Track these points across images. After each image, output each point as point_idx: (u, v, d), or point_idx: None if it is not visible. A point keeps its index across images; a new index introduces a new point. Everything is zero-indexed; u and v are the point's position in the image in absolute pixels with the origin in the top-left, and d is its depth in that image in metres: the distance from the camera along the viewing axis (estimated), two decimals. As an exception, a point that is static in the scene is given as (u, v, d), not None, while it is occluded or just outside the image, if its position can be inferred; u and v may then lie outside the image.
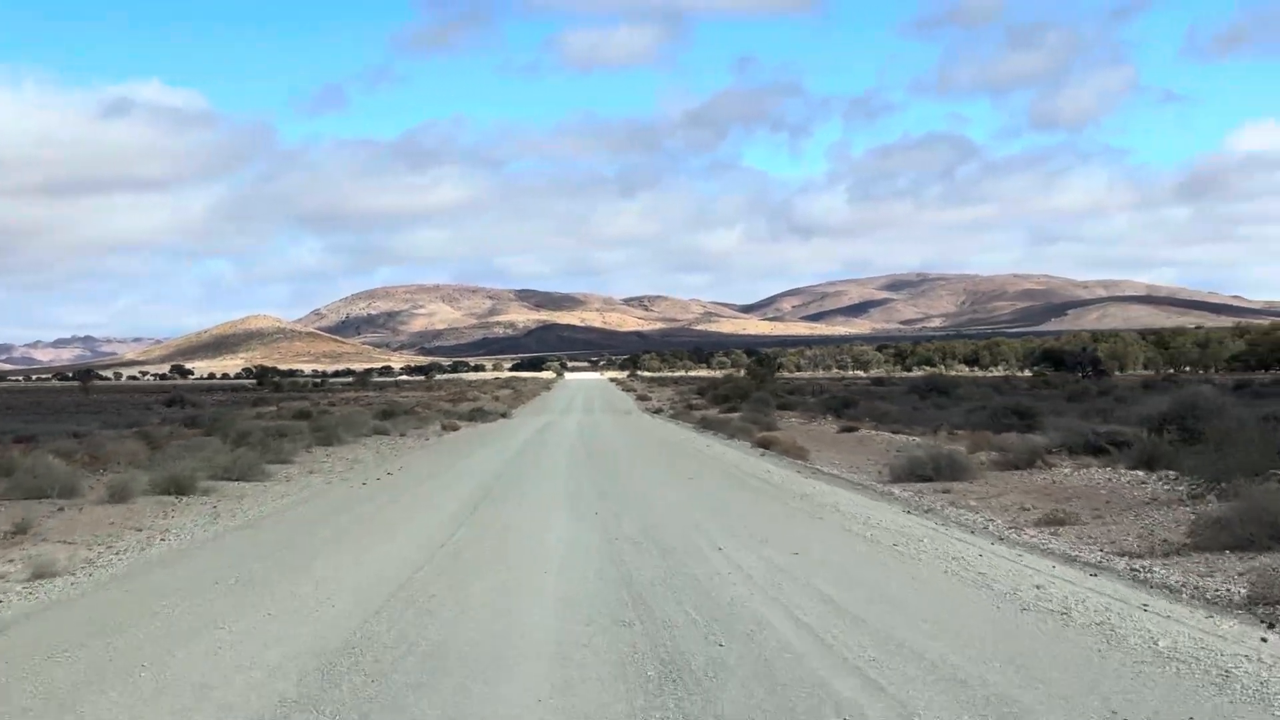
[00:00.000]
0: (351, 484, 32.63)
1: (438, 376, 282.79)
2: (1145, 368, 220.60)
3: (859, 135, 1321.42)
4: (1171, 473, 28.02)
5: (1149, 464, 29.85)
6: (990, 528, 21.07)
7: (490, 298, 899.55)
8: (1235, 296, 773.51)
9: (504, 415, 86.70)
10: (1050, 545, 18.86)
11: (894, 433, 50.34)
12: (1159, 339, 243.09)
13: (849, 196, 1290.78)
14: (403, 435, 60.48)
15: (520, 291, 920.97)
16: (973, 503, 25.14)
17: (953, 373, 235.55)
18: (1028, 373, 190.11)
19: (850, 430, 53.88)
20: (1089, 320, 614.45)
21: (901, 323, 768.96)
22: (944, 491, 27.44)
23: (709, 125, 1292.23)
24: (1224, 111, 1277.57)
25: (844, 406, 69.54)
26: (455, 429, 66.81)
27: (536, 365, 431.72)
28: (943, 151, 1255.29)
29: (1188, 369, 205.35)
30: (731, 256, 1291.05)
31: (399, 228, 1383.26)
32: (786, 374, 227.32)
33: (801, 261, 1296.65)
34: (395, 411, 78.91)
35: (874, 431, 52.22)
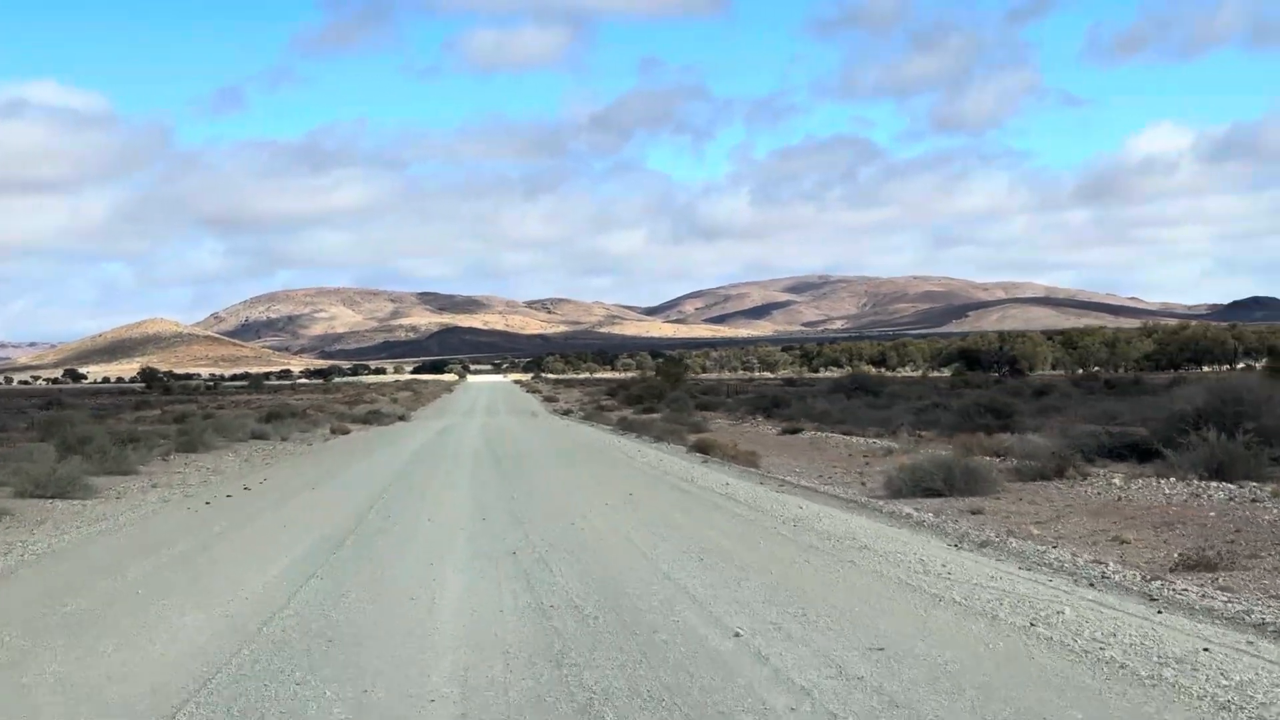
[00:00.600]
0: (194, 504, 25.10)
1: (337, 380, 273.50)
2: (1054, 367, 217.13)
3: (762, 137, 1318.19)
4: (1256, 484, 21.31)
5: (1219, 473, 23.10)
6: (1117, 577, 14.00)
7: (393, 301, 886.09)
8: (1133, 298, 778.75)
9: (401, 418, 79.05)
10: (1253, 613, 11.77)
11: (845, 434, 43.56)
12: (1066, 339, 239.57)
13: (752, 199, 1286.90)
14: (284, 440, 52.79)
15: (423, 295, 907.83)
16: (1032, 530, 18.17)
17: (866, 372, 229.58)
18: (945, 372, 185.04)
19: (793, 432, 46.98)
20: (990, 321, 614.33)
21: (804, 324, 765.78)
22: (972, 512, 20.47)
23: (613, 128, 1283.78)
24: (1123, 114, 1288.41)
25: (774, 406, 62.70)
26: (345, 433, 59.18)
27: (439, 368, 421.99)
28: (846, 154, 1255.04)
29: (1097, 369, 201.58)
30: (635, 259, 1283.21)
31: (300, 230, 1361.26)
32: (694, 375, 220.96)
33: (705, 264, 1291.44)
34: (282, 414, 71.17)
35: (820, 434, 45.38)
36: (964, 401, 44.97)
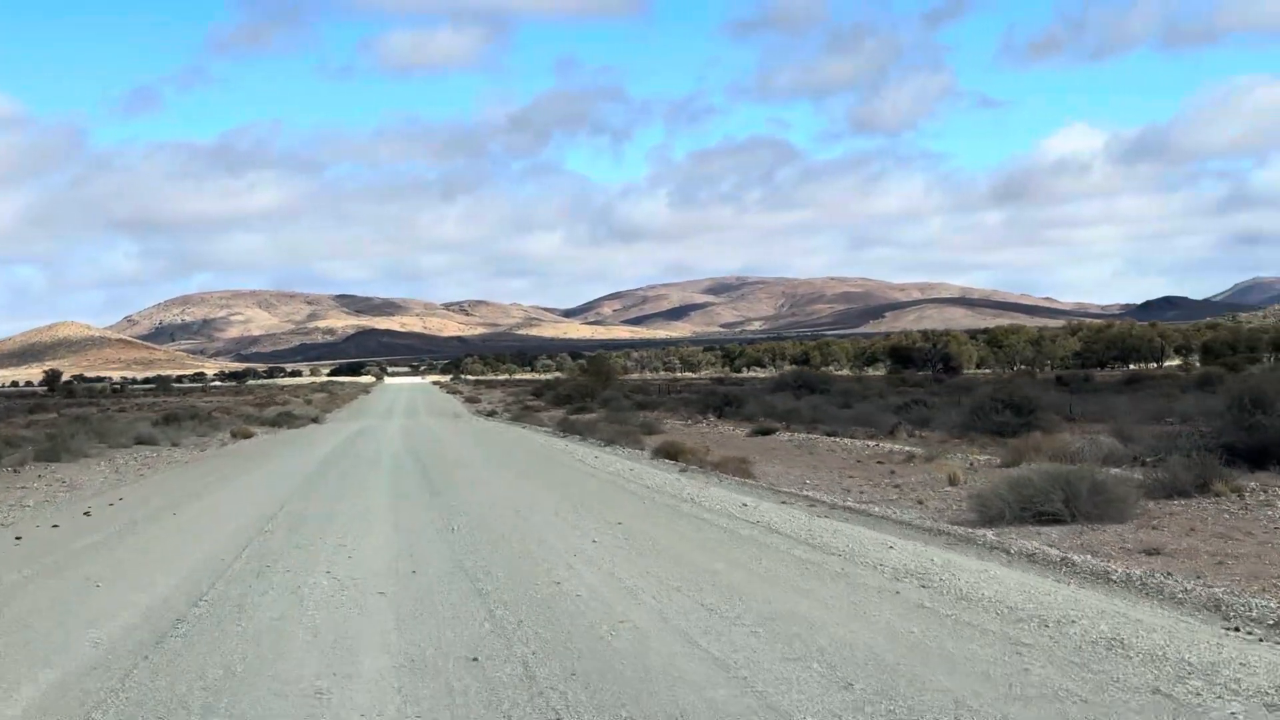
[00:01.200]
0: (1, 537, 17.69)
1: (251, 382, 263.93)
2: (979, 366, 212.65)
3: (680, 139, 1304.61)
4: None
5: None
6: None
7: (309, 303, 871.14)
8: (1047, 298, 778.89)
9: (314, 420, 71.35)
10: None
11: (829, 436, 36.64)
12: (991, 338, 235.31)
13: (670, 200, 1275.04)
14: (174, 446, 45.02)
15: (340, 297, 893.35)
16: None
17: (778, 373, 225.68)
18: (876, 371, 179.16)
19: (765, 433, 39.97)
20: (907, 321, 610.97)
21: (722, 326, 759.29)
22: (1145, 553, 13.53)
23: (531, 129, 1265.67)
24: (1038, 116, 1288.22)
25: (726, 405, 55.75)
26: (247, 436, 51.52)
27: (356, 370, 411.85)
28: (764, 155, 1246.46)
29: (1024, 367, 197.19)
30: (553, 261, 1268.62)
31: (216, 233, 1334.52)
32: (618, 375, 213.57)
33: (623, 265, 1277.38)
34: (181, 417, 63.37)
35: (797, 435, 38.40)
36: (976, 398, 37.88)
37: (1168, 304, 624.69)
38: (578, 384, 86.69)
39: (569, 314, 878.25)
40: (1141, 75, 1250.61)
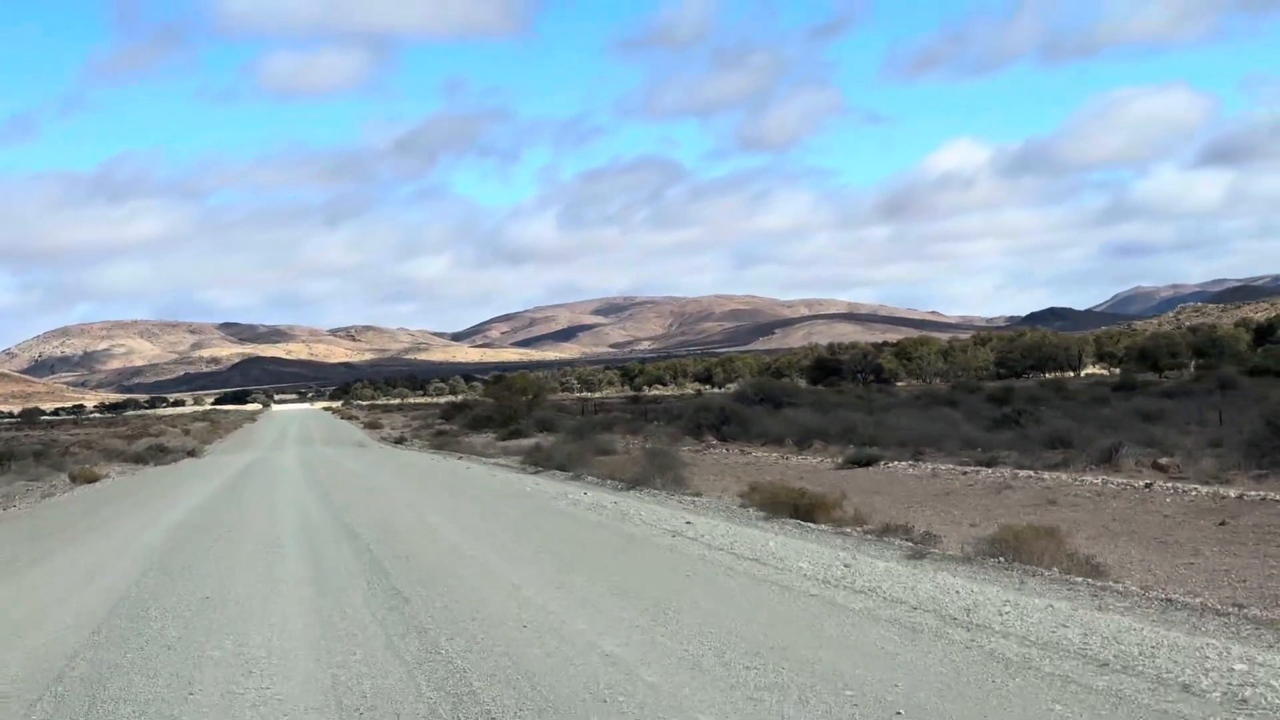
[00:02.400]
0: None
1: (130, 413, 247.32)
2: (894, 379, 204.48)
3: (568, 159, 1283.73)
4: None
5: None
6: None
7: (193, 333, 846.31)
8: (933, 312, 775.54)
9: (191, 454, 58.31)
10: None
11: (954, 464, 24.76)
12: (900, 350, 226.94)
13: (559, 221, 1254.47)
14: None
15: (224, 325, 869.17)
16: None
17: (681, 390, 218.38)
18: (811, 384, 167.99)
19: (863, 464, 27.74)
20: (796, 338, 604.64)
21: (611, 346, 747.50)
22: None
23: (418, 151, 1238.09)
24: (924, 131, 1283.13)
25: (723, 424, 43.97)
26: (92, 480, 38.40)
27: (241, 399, 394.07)
28: (652, 174, 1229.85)
29: (937, 379, 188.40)
30: (441, 284, 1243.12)
31: (96, 263, 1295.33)
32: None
33: (512, 287, 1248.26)
34: (19, 454, 50.11)
35: (925, 465, 26.36)
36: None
37: (1052, 315, 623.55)
38: (500, 404, 74.02)
39: (458, 337, 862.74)
40: (1024, 88, 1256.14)
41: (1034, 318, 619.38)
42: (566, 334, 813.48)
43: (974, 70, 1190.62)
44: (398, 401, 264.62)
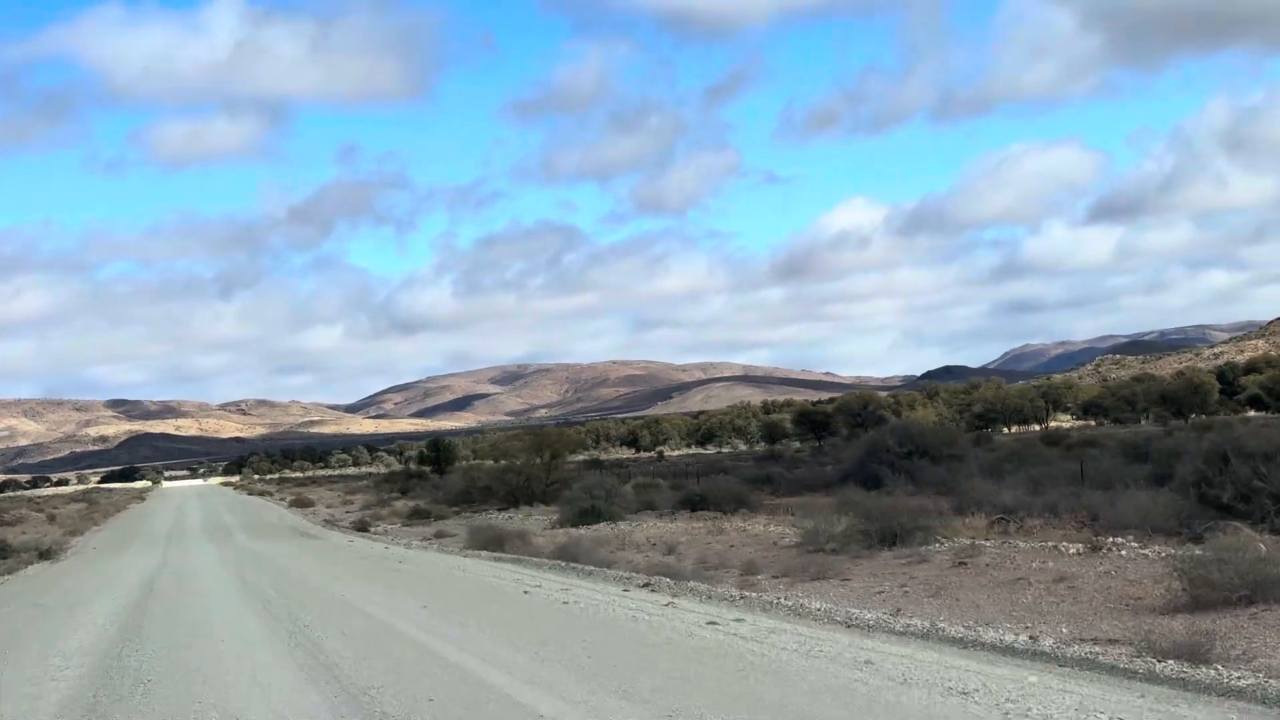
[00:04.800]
0: None
1: (6, 494, 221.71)
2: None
3: (465, 225, 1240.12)
4: None
5: None
6: None
7: (79, 410, 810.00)
8: (828, 373, 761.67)
9: (44, 554, 36.63)
10: None
11: None
12: (895, 403, 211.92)
13: (455, 289, 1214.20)
14: None
15: (112, 402, 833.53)
16: None
17: (619, 453, 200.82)
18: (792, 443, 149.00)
19: None
20: (694, 402, 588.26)
21: (507, 414, 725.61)
22: None
23: (313, 220, 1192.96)
24: (819, 191, 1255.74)
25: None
26: None
27: (129, 476, 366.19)
28: (549, 240, 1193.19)
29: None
30: (333, 355, 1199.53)
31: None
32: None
33: (406, 357, 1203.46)
34: None
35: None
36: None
37: (947, 373, 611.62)
38: (505, 470, 54.68)
39: (352, 409, 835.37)
40: (918, 147, 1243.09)
41: (930, 375, 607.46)
42: (462, 403, 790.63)
43: (869, 129, 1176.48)
44: (303, 475, 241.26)
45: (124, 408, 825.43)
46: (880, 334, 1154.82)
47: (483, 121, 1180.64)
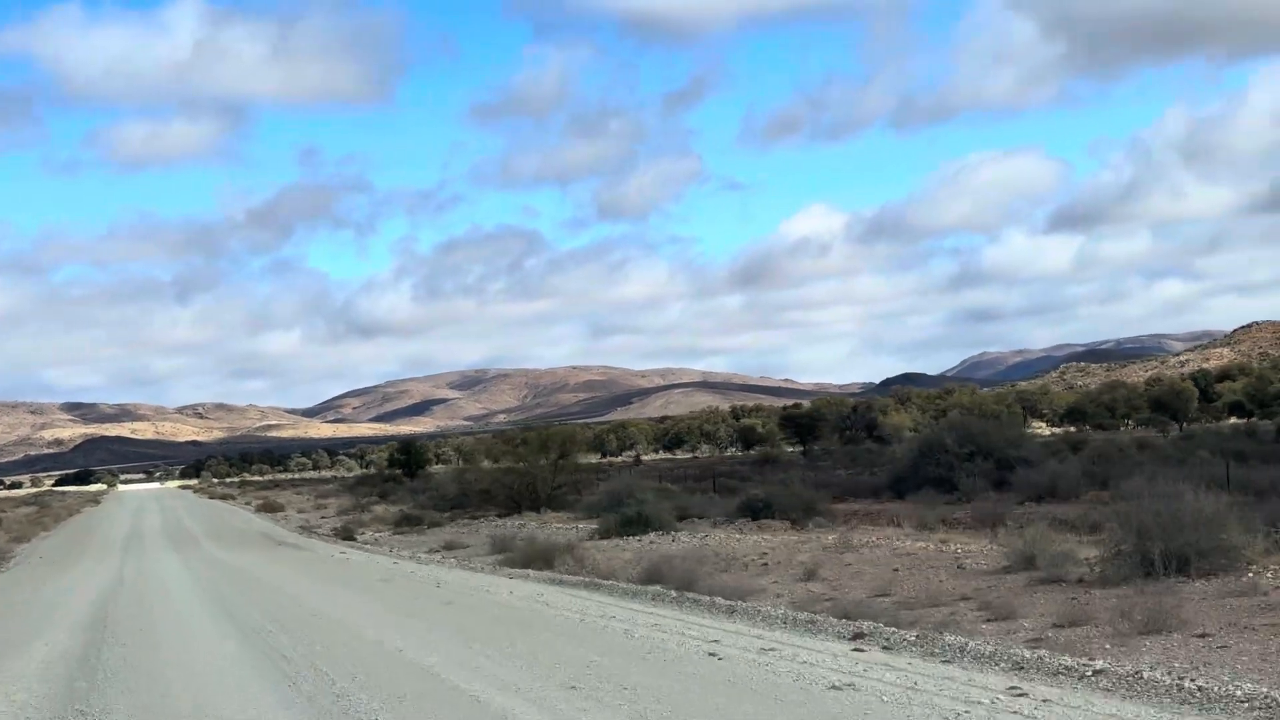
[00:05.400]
0: None
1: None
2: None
3: (425, 229, 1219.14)
4: None
5: None
6: None
7: (34, 413, 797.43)
8: (786, 379, 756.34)
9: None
10: None
11: None
12: (883, 406, 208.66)
13: (414, 294, 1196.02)
14: None
15: (68, 405, 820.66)
16: None
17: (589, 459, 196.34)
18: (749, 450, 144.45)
19: None
20: (654, 408, 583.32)
21: (466, 419, 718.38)
22: None
23: (272, 223, 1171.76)
24: (781, 197, 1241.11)
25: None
26: None
27: (84, 479, 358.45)
28: (510, 244, 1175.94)
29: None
30: (291, 359, 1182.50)
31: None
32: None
33: (364, 361, 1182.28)
34: None
35: None
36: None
37: (906, 381, 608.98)
38: (506, 471, 49.58)
39: (309, 413, 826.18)
40: (878, 154, 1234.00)
41: (888, 383, 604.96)
42: (421, 408, 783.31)
43: (829, 136, 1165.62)
44: (264, 479, 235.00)
45: (80, 411, 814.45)
46: (839, 341, 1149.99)
47: (444, 125, 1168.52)
